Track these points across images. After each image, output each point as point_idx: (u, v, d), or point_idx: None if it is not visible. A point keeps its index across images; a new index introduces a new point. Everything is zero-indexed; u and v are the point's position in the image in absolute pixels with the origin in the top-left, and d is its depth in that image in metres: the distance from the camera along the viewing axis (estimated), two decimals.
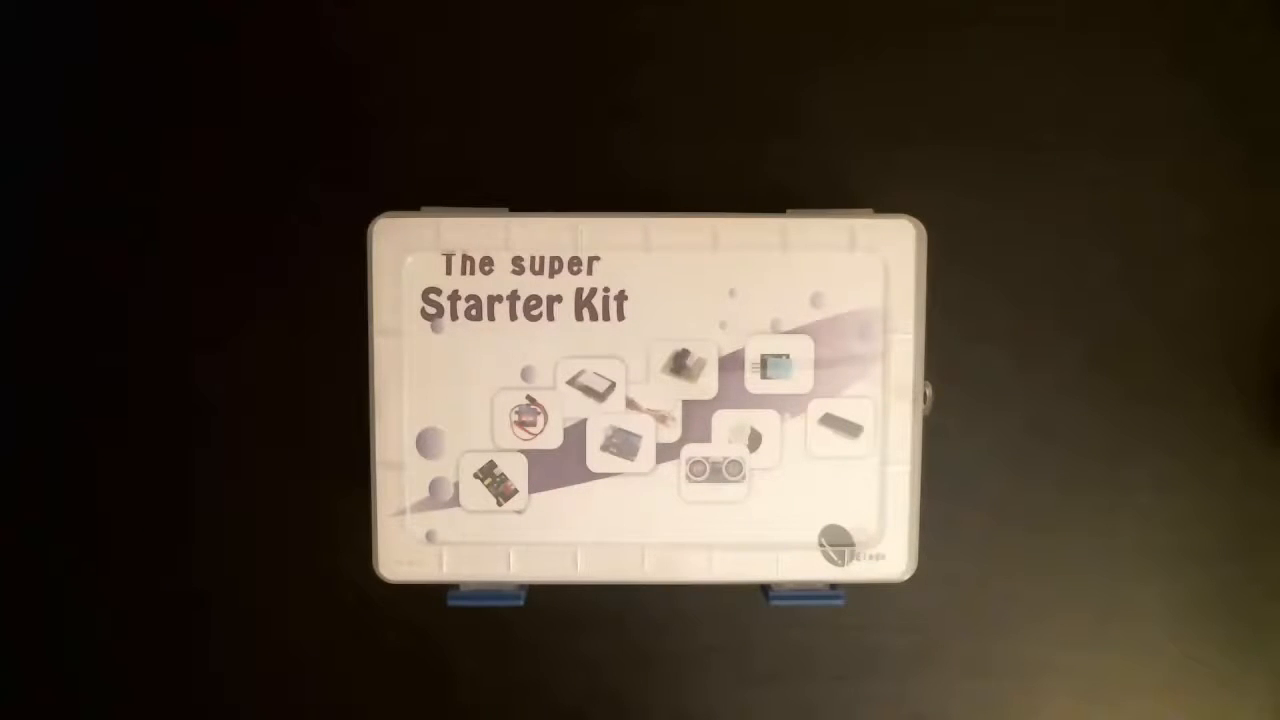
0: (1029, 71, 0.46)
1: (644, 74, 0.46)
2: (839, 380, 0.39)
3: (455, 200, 0.39)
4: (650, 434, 0.39)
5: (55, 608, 0.47)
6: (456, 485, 0.39)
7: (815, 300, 0.39)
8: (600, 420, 0.39)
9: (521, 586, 0.40)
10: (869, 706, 0.48)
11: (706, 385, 0.39)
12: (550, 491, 0.39)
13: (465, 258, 0.38)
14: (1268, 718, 0.48)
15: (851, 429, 0.39)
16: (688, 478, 0.39)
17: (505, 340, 0.39)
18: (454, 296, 0.38)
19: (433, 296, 0.38)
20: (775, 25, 0.46)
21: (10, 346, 0.46)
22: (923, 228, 0.38)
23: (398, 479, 0.39)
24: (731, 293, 0.39)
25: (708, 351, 0.39)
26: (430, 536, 0.39)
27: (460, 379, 0.39)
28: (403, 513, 0.39)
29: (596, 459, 0.39)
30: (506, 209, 0.39)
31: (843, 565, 0.39)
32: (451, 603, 0.40)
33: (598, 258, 0.38)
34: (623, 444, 0.39)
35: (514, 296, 0.39)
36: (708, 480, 0.39)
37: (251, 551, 0.47)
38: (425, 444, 0.39)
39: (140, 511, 0.46)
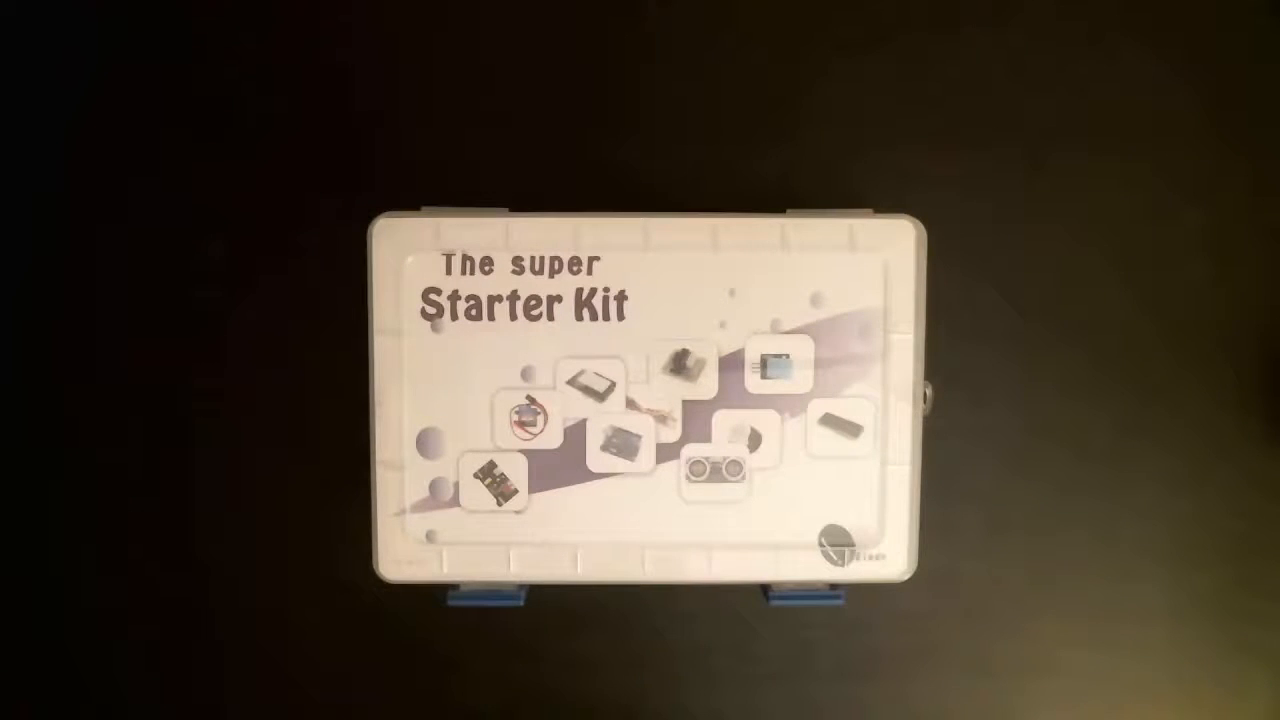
0: (1029, 72, 0.46)
1: (644, 74, 0.46)
2: (839, 380, 0.39)
3: (455, 200, 0.39)
4: (650, 434, 0.39)
5: (55, 608, 0.47)
6: (456, 485, 0.39)
7: (815, 300, 0.39)
8: (600, 420, 0.39)
9: (521, 586, 0.40)
10: (869, 706, 0.48)
11: (706, 385, 0.39)
12: (550, 491, 0.39)
13: (465, 258, 0.38)
14: (1267, 718, 0.48)
15: (851, 429, 0.39)
16: (688, 478, 0.39)
17: (505, 340, 0.39)
18: (454, 296, 0.38)
19: (433, 296, 0.38)
20: (776, 26, 0.46)
21: (11, 347, 0.46)
22: (923, 228, 0.38)
23: (398, 479, 0.39)
24: (731, 293, 0.39)
25: (708, 351, 0.39)
26: (430, 536, 0.39)
27: (460, 379, 0.39)
28: (403, 513, 0.39)
29: (596, 459, 0.39)
30: (506, 209, 0.39)
31: (843, 565, 0.39)
32: (451, 603, 0.40)
33: (598, 258, 0.38)
34: (623, 444, 0.39)
35: (514, 296, 0.39)
36: (708, 480, 0.39)
37: (251, 551, 0.47)
38: (425, 444, 0.39)
39: (140, 511, 0.46)
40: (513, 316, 0.39)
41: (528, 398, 0.39)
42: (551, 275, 0.38)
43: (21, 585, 0.47)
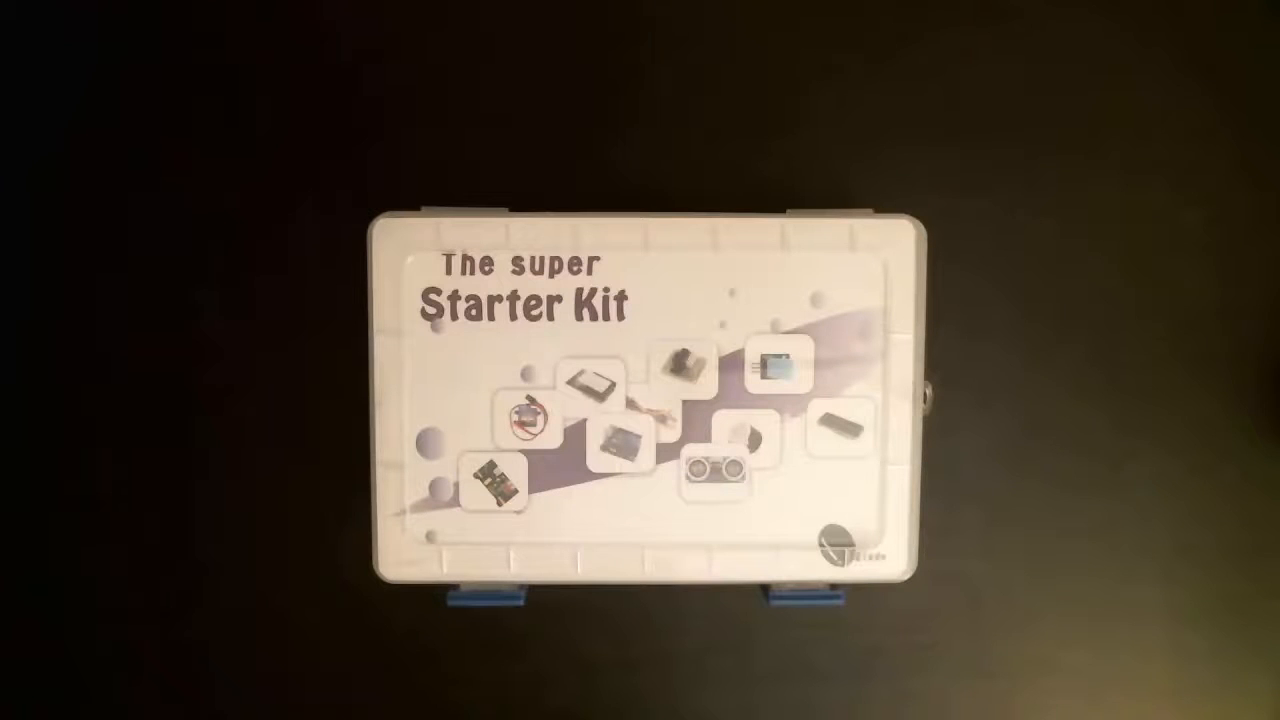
0: (1029, 72, 0.46)
1: (644, 74, 0.46)
2: (839, 380, 0.39)
3: (455, 200, 0.39)
4: (650, 434, 0.39)
5: (55, 607, 0.47)
6: (456, 485, 0.39)
7: (815, 300, 0.39)
8: (600, 420, 0.39)
9: (521, 586, 0.40)
10: (869, 706, 0.48)
11: (706, 385, 0.39)
12: (550, 491, 0.39)
13: (465, 258, 0.38)
14: (1268, 718, 0.48)
15: (851, 429, 0.39)
16: (688, 478, 0.39)
17: (505, 340, 0.39)
18: (454, 296, 0.38)
19: (433, 296, 0.38)
20: (776, 25, 0.46)
21: (12, 347, 0.46)
22: (923, 228, 0.38)
23: (398, 479, 0.39)
24: (731, 293, 0.39)
25: (708, 351, 0.39)
26: (430, 536, 0.39)
27: (460, 379, 0.39)
28: (403, 513, 0.39)
29: (596, 459, 0.39)
30: (506, 209, 0.39)
31: (843, 565, 0.39)
32: (451, 603, 0.40)
33: (598, 258, 0.38)
34: (623, 444, 0.39)
35: (514, 296, 0.39)
36: (708, 480, 0.39)
37: (251, 551, 0.47)
38: (425, 444, 0.39)
39: (140, 511, 0.46)
40: (513, 316, 0.39)
41: (528, 398, 0.39)
42: (551, 275, 0.38)
43: (21, 585, 0.47)
